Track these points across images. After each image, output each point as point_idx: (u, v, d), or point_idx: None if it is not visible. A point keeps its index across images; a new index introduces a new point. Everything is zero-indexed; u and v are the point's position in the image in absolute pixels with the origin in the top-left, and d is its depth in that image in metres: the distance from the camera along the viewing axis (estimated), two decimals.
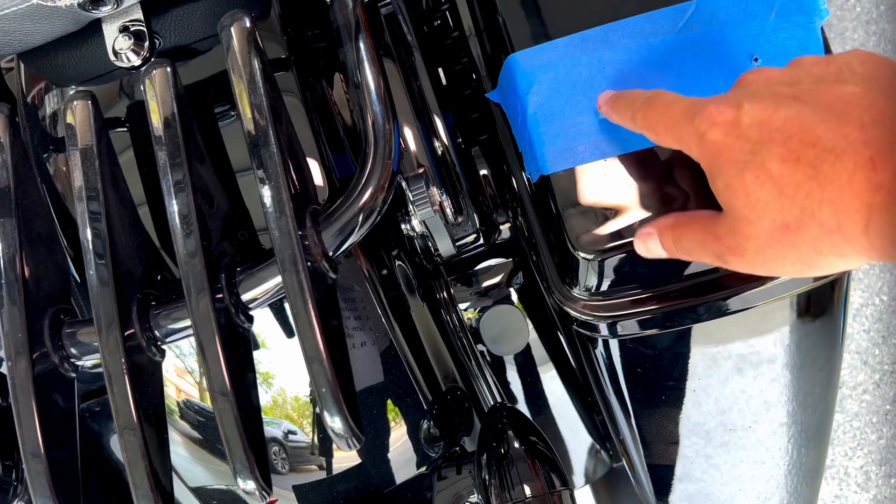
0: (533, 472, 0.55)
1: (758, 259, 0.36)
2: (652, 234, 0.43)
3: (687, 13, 0.47)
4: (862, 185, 0.30)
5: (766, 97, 0.34)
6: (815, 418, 0.67)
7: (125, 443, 0.41)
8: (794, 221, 0.33)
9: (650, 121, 0.40)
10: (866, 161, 0.30)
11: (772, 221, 0.34)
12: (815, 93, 0.34)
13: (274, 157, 0.41)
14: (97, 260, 0.42)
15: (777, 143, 0.33)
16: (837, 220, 0.32)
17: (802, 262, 0.34)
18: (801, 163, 0.32)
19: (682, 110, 0.37)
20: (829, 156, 0.31)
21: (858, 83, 0.33)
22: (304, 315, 0.39)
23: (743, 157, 0.34)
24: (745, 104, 0.34)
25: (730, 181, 0.35)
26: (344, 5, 0.49)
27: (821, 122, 0.32)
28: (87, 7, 0.47)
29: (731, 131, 0.35)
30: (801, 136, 0.32)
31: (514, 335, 0.65)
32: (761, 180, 0.33)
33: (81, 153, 0.44)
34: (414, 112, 0.54)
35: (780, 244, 0.34)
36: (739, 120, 0.34)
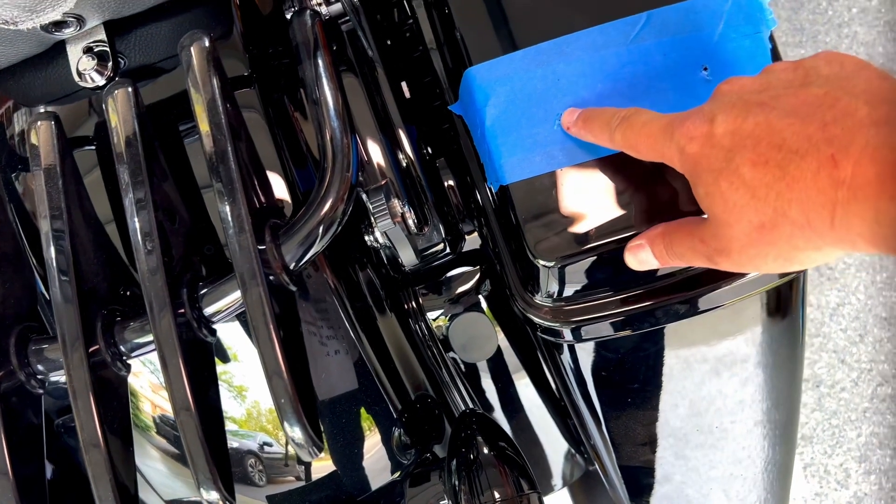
0: (502, 477, 0.56)
1: (742, 258, 0.38)
2: (643, 245, 0.45)
3: (638, 25, 0.49)
4: (825, 182, 0.32)
5: (737, 106, 0.36)
6: (785, 415, 0.69)
7: (90, 458, 0.41)
8: (769, 221, 0.35)
9: (630, 140, 0.42)
10: (828, 159, 0.32)
11: (749, 223, 0.36)
12: (782, 98, 0.35)
13: (232, 173, 0.42)
14: (61, 277, 0.43)
15: (748, 149, 0.35)
16: (807, 217, 0.33)
17: (783, 258, 0.36)
18: (770, 165, 0.34)
19: (660, 128, 0.40)
20: (795, 157, 0.33)
21: (823, 84, 0.35)
22: (264, 329, 0.40)
23: (718, 165, 0.36)
24: (717, 116, 0.36)
25: (708, 188, 0.37)
26: (303, 23, 0.50)
27: (786, 125, 0.34)
28: (50, 29, 0.48)
29: (706, 143, 0.37)
30: (768, 139, 0.34)
31: (483, 342, 0.66)
32: (735, 185, 0.35)
33: (45, 173, 0.45)
34: (377, 125, 0.55)
35: (760, 243, 0.36)
36: (713, 131, 0.36)
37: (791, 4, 1.67)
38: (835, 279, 1.55)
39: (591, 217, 0.48)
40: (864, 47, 1.65)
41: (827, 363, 1.53)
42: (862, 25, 1.65)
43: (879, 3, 1.65)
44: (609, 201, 0.47)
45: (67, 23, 0.48)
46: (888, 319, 1.53)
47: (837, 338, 1.54)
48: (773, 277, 0.53)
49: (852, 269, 1.55)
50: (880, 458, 1.50)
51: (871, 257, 1.55)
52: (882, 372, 1.52)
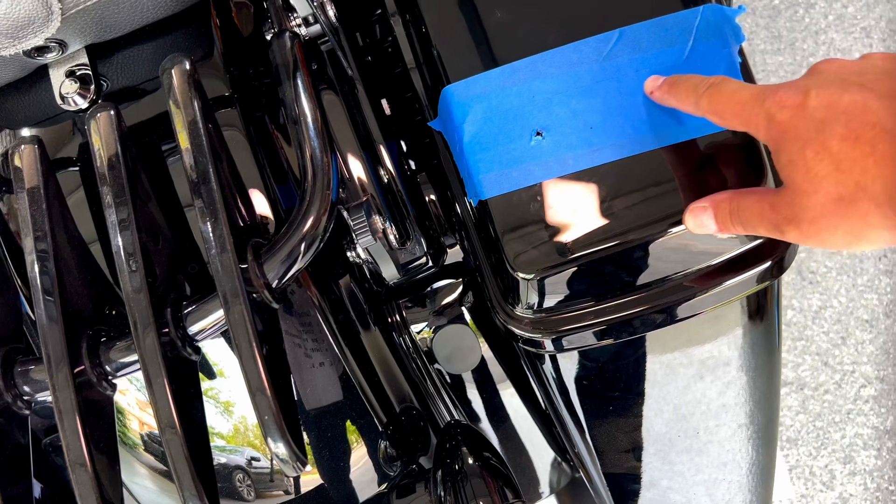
0: (487, 487, 0.56)
1: (812, 229, 0.39)
2: (706, 207, 0.45)
3: (611, 42, 0.50)
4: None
5: (834, 83, 0.37)
6: (766, 416, 0.70)
7: (76, 477, 0.42)
8: (849, 194, 0.36)
9: (717, 105, 0.42)
10: None
11: (827, 194, 0.37)
12: (881, 82, 0.37)
13: (213, 194, 0.43)
14: (46, 298, 0.44)
15: (840, 124, 0.36)
16: (888, 194, 0.35)
17: (853, 234, 0.37)
18: (860, 141, 0.35)
19: (750, 95, 0.40)
20: (887, 136, 0.34)
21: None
22: (247, 347, 0.41)
23: (807, 135, 0.37)
24: (812, 90, 0.37)
25: (792, 156, 0.38)
26: (282, 45, 0.50)
27: (882, 106, 0.35)
28: (33, 54, 0.49)
29: (797, 113, 0.38)
30: (862, 117, 0.35)
31: (467, 353, 0.67)
32: (821, 156, 0.36)
33: (28, 195, 0.45)
34: (358, 142, 0.56)
35: (834, 215, 0.37)
36: (807, 103, 0.37)
37: (768, 12, 1.70)
38: (816, 283, 1.57)
39: (568, 229, 0.49)
40: (840, 53, 1.67)
41: (810, 366, 1.55)
42: (838, 32, 1.68)
43: (855, 9, 1.68)
44: (586, 214, 0.48)
45: (50, 48, 0.49)
46: (869, 322, 1.55)
47: (820, 341, 1.55)
48: (751, 284, 0.54)
49: (833, 272, 1.57)
50: (865, 459, 1.52)
51: (852, 260, 1.57)
52: (864, 374, 1.54)
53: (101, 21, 0.48)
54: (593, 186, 0.49)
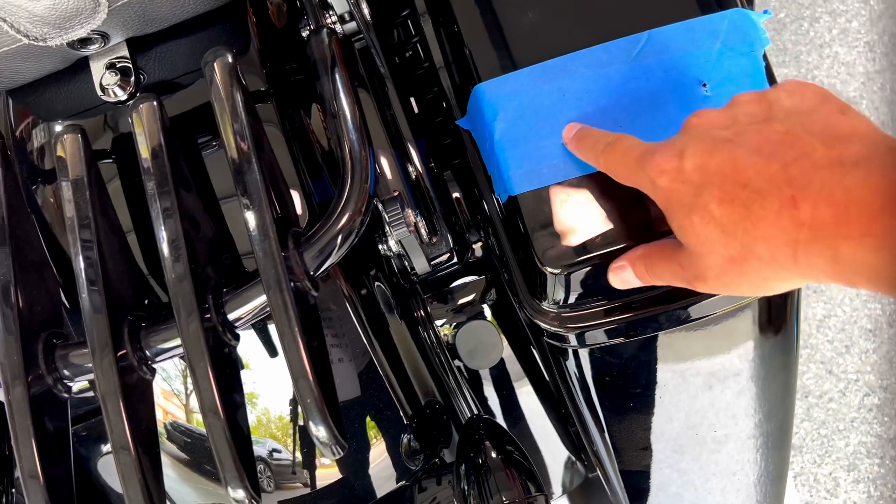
0: (509, 480, 0.57)
1: (718, 284, 0.39)
2: (625, 266, 0.47)
3: (640, 43, 0.51)
4: (787, 222, 0.33)
5: (705, 141, 0.37)
6: (778, 425, 0.70)
7: (120, 460, 0.42)
8: (739, 255, 0.36)
9: (610, 164, 0.44)
10: (788, 200, 0.33)
11: (720, 256, 0.37)
12: (747, 134, 0.37)
13: (257, 183, 0.44)
14: (90, 286, 0.44)
15: (715, 186, 0.36)
16: (772, 254, 0.35)
17: (755, 286, 0.38)
18: (736, 203, 0.35)
19: (635, 158, 0.41)
20: (758, 196, 0.34)
21: (784, 119, 0.36)
22: (289, 332, 0.41)
23: (689, 201, 0.37)
24: (686, 150, 0.38)
25: (681, 222, 0.38)
26: (320, 40, 0.52)
27: (750, 164, 0.35)
28: (76, 46, 0.50)
29: (676, 177, 0.38)
30: (733, 178, 0.35)
31: (489, 349, 0.68)
32: (705, 221, 0.37)
33: (72, 184, 0.46)
34: (388, 139, 0.57)
35: (732, 273, 0.38)
36: (682, 166, 0.38)
37: (774, 25, 1.72)
38: (821, 292, 1.59)
39: (595, 226, 0.49)
40: (844, 67, 1.69)
41: (815, 374, 1.56)
42: (842, 46, 1.70)
43: (859, 24, 1.70)
44: (613, 211, 0.49)
45: (93, 39, 0.50)
46: (873, 331, 1.56)
47: (824, 349, 1.57)
48: None
49: None
50: (868, 467, 1.53)
51: None
52: (868, 382, 1.55)
53: (143, 14, 0.49)
54: (620, 185, 0.50)
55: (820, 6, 1.71)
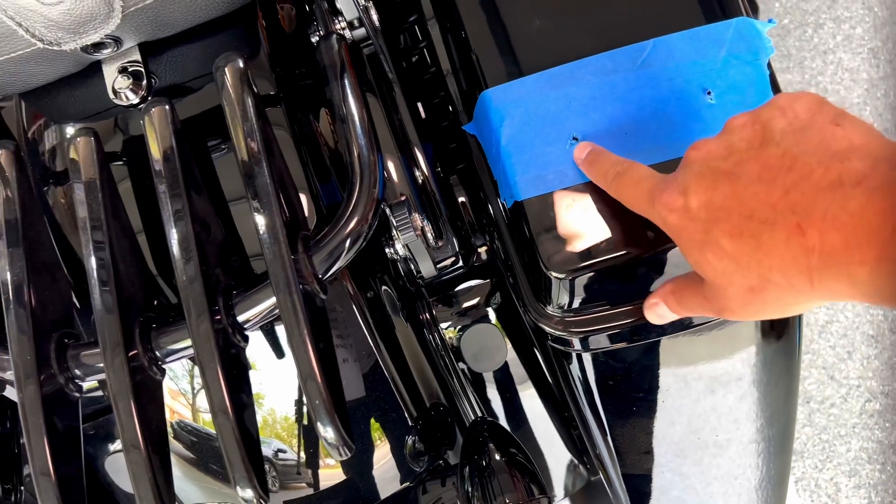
0: (513, 483, 0.58)
1: (744, 313, 0.39)
2: (658, 302, 0.49)
3: (645, 51, 0.51)
4: (797, 249, 0.33)
5: (706, 176, 0.37)
6: (780, 430, 0.71)
7: (130, 459, 0.43)
8: (757, 285, 0.36)
9: (621, 195, 0.45)
10: (795, 227, 0.33)
11: (740, 287, 0.37)
12: (746, 163, 0.36)
13: (267, 187, 0.44)
14: (101, 286, 0.45)
15: (722, 221, 0.36)
16: (789, 281, 0.34)
17: (780, 310, 0.38)
18: (745, 236, 0.35)
19: (645, 193, 0.42)
20: (765, 226, 0.34)
21: (781, 141, 0.36)
22: (298, 334, 0.42)
23: (699, 237, 0.37)
24: (689, 188, 0.38)
25: (696, 258, 0.39)
26: (330, 46, 0.52)
27: (752, 194, 0.35)
28: (90, 50, 0.50)
29: (684, 215, 0.38)
30: (738, 210, 0.35)
31: (494, 352, 0.68)
32: (719, 256, 0.37)
33: (85, 186, 0.47)
34: (395, 144, 0.57)
35: (755, 303, 0.38)
36: (688, 204, 0.38)
37: (778, 31, 1.73)
38: None
39: (600, 231, 0.50)
40: (848, 73, 1.70)
41: (816, 379, 1.57)
42: (846, 52, 1.71)
43: (863, 31, 1.71)
44: (618, 217, 0.50)
45: (106, 44, 0.51)
46: (875, 337, 1.57)
47: (826, 355, 1.57)
48: None
49: None
50: (869, 473, 1.53)
51: None
52: (870, 388, 1.55)
53: (156, 19, 0.50)
54: None
55: (824, 12, 1.72)
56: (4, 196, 0.48)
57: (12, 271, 0.46)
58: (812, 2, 1.72)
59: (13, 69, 0.50)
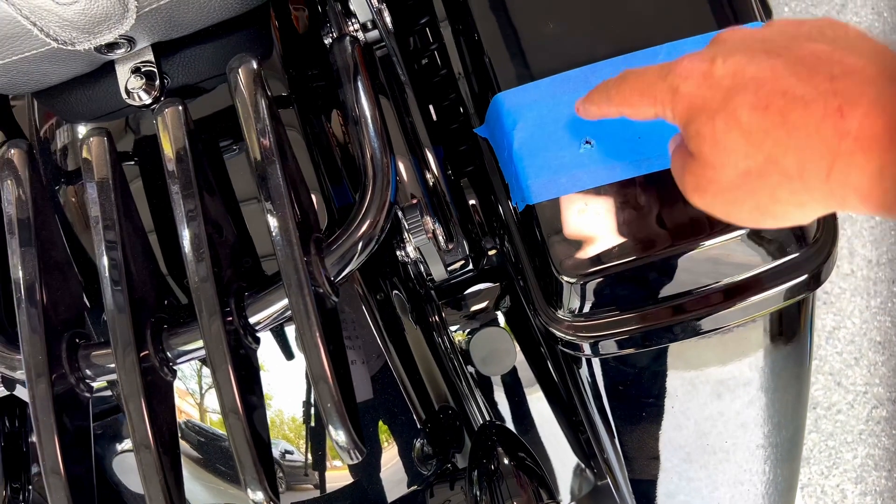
0: (521, 487, 0.57)
1: (718, 201, 0.38)
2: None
3: (658, 56, 0.51)
4: (829, 131, 0.31)
5: (740, 51, 0.35)
6: (788, 436, 0.70)
7: (141, 459, 0.43)
8: (757, 168, 0.34)
9: (625, 93, 0.41)
10: (835, 110, 0.31)
11: (734, 167, 0.35)
12: (788, 48, 0.34)
13: (280, 188, 0.44)
14: (114, 286, 0.45)
15: (749, 92, 0.34)
16: (801, 167, 0.33)
17: (759, 210, 0.36)
18: (770, 110, 0.33)
19: (654, 71, 0.39)
20: (799, 104, 0.32)
21: (829, 43, 0.34)
22: (310, 336, 0.42)
23: (715, 105, 0.35)
24: (718, 57, 0.36)
25: (700, 127, 0.36)
26: (344, 48, 0.52)
27: (792, 73, 0.33)
28: (103, 50, 0.50)
29: (703, 82, 0.36)
30: (772, 84, 0.33)
31: (503, 356, 0.68)
32: (729, 126, 0.34)
33: (98, 186, 0.47)
34: (407, 146, 0.57)
35: (740, 189, 0.36)
36: (712, 71, 0.35)
37: None
38: (830, 303, 1.58)
39: (613, 236, 0.50)
40: None
41: (823, 385, 1.56)
42: None
43: (872, 36, 1.70)
44: (631, 221, 0.50)
45: (119, 44, 0.51)
46: (882, 343, 1.56)
47: (833, 361, 1.56)
48: (789, 295, 0.55)
49: (847, 293, 1.58)
50: (876, 480, 1.52)
51: (866, 283, 1.58)
52: (877, 395, 1.55)
53: (170, 20, 0.50)
54: (639, 195, 0.50)
55: (833, 17, 1.71)
56: (17, 195, 0.48)
57: (24, 270, 0.46)
58: (821, 6, 1.71)
59: (27, 68, 0.50)
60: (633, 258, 0.50)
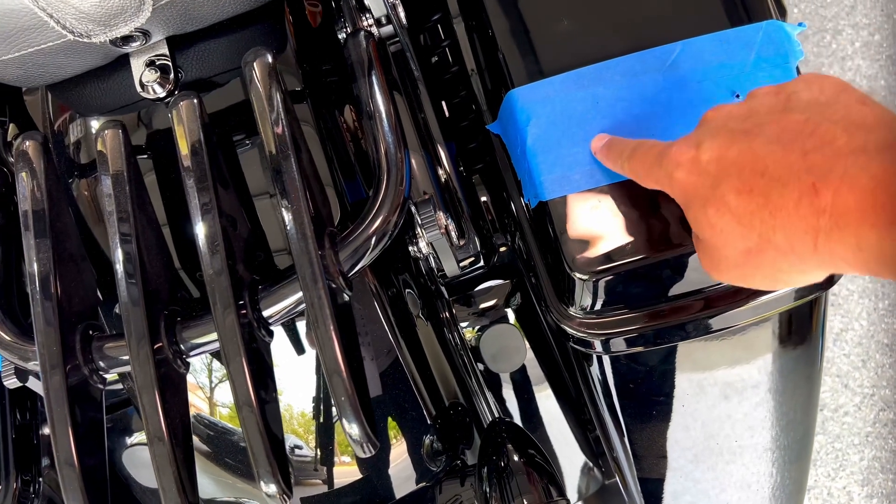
0: (531, 484, 0.57)
1: (731, 276, 0.40)
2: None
3: (674, 53, 0.51)
4: (807, 209, 0.33)
5: (723, 133, 0.37)
6: (797, 439, 0.70)
7: (155, 451, 0.43)
8: (755, 246, 0.36)
9: (634, 169, 0.44)
10: (809, 187, 0.32)
11: (734, 248, 0.37)
12: (765, 125, 0.36)
13: (295, 182, 0.44)
14: (128, 279, 0.45)
15: (732, 177, 0.36)
16: (790, 243, 0.34)
17: (769, 279, 0.38)
18: (754, 193, 0.35)
19: (654, 156, 0.42)
20: (777, 184, 0.34)
21: (804, 110, 0.36)
22: (324, 329, 0.42)
23: (705, 192, 0.37)
24: (703, 143, 0.38)
25: (696, 214, 0.38)
26: (358, 43, 0.52)
27: (768, 152, 0.35)
28: (118, 43, 0.50)
29: (693, 169, 0.38)
30: (751, 167, 0.35)
31: (513, 353, 0.68)
32: (721, 212, 0.37)
33: (112, 179, 0.47)
34: (420, 142, 0.57)
35: (746, 266, 0.38)
36: (699, 158, 0.38)
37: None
38: (838, 305, 1.58)
39: (625, 234, 0.50)
40: (866, 80, 1.69)
41: (830, 387, 1.56)
42: (865, 59, 1.70)
43: (882, 37, 1.70)
44: (644, 219, 0.50)
45: (134, 37, 0.51)
46: (890, 346, 1.56)
47: (841, 362, 1.56)
48: (804, 293, 0.55)
49: (855, 295, 1.58)
50: (882, 483, 1.52)
51: (874, 284, 1.57)
52: (884, 397, 1.54)
53: (185, 13, 0.50)
54: (652, 192, 0.50)
55: (843, 19, 1.71)
56: (32, 187, 0.48)
57: (39, 262, 0.46)
58: (831, 7, 1.71)
59: (42, 61, 0.50)
60: (646, 256, 0.50)
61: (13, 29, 0.46)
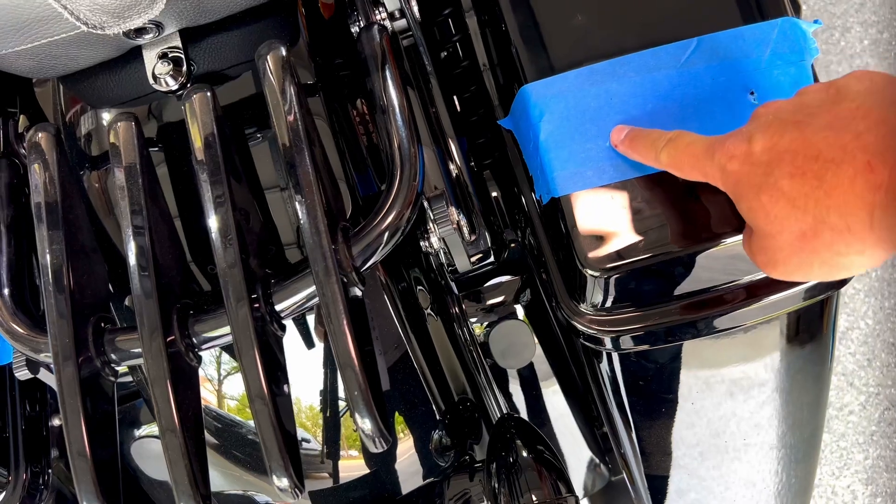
0: (540, 480, 0.57)
1: (788, 268, 0.40)
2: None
3: (689, 50, 0.51)
4: (862, 186, 0.34)
5: (773, 125, 0.38)
6: (804, 438, 0.70)
7: (167, 443, 0.43)
8: (810, 229, 0.37)
9: (675, 160, 0.44)
10: (864, 165, 0.34)
11: (790, 233, 0.38)
12: (816, 115, 0.37)
13: (309, 175, 0.44)
14: (141, 272, 0.45)
15: (785, 163, 0.37)
16: (846, 222, 0.35)
17: (827, 265, 0.38)
18: (808, 176, 0.36)
19: (703, 149, 0.42)
20: (831, 165, 0.35)
21: (854, 99, 0.37)
22: (338, 323, 0.42)
23: (758, 181, 0.38)
24: (755, 135, 0.39)
25: (750, 203, 0.39)
26: (372, 37, 0.52)
27: (821, 138, 0.36)
28: (131, 35, 0.50)
29: (746, 160, 0.39)
30: (804, 152, 0.36)
31: (522, 349, 0.68)
32: (775, 198, 0.37)
33: (125, 171, 0.47)
34: (431, 136, 0.57)
35: (803, 252, 0.38)
36: (752, 149, 0.38)
37: None
38: (844, 304, 1.58)
39: (638, 230, 0.50)
40: None
41: (836, 386, 1.56)
42: (873, 57, 1.69)
43: (891, 35, 1.69)
44: (656, 217, 0.49)
45: (147, 29, 0.50)
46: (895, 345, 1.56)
47: (846, 361, 1.56)
48: (816, 292, 0.55)
49: (861, 294, 1.58)
50: (887, 481, 1.52)
51: (881, 283, 1.57)
52: (889, 396, 1.54)
53: (199, 5, 0.50)
54: (666, 189, 0.50)
55: (852, 16, 1.70)
56: (44, 179, 0.48)
57: (52, 254, 0.46)
58: (840, 5, 1.70)
59: (54, 52, 0.50)
60: (658, 253, 0.50)
61: (27, 20, 0.46)
